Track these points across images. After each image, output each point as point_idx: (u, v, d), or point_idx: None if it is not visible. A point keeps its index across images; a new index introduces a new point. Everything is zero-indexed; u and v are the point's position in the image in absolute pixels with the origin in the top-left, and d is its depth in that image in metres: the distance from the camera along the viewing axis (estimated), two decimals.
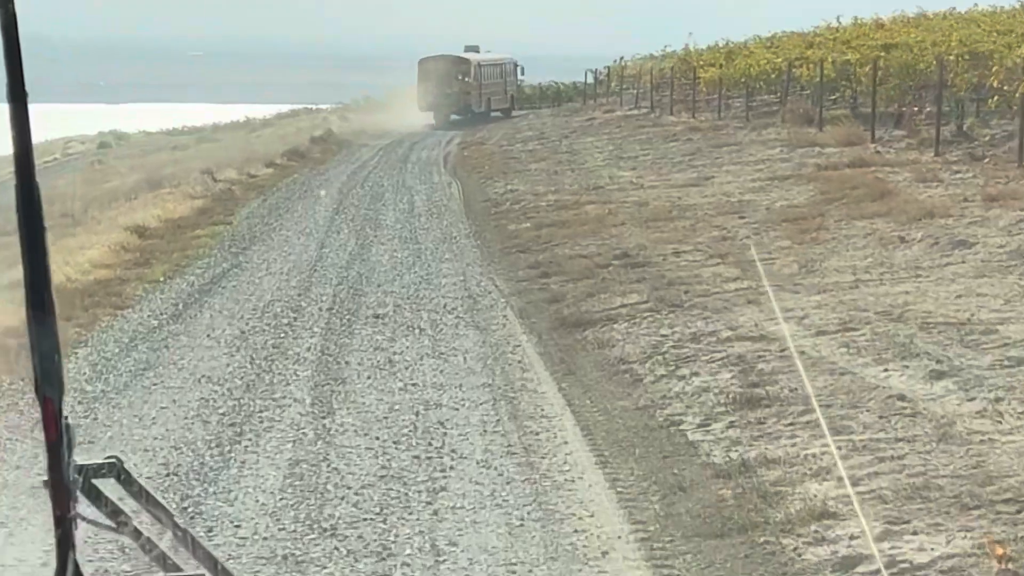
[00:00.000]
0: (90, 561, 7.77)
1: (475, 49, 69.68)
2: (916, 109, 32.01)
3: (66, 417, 1.88)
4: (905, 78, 31.84)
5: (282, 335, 17.16)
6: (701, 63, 49.94)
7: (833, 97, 38.44)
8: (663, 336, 15.69)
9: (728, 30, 69.26)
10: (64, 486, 1.94)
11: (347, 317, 18.40)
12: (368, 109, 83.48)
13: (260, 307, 19.18)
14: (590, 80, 68.36)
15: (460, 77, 65.83)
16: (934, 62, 31.11)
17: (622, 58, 61.25)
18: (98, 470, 2.15)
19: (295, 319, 18.26)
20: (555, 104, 71.82)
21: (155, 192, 37.22)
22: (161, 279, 21.84)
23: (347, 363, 15.45)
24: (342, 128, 65.04)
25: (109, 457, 2.20)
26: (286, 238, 27.00)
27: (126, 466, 2.22)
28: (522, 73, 67.96)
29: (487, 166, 41.51)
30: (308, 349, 16.24)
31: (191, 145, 67.77)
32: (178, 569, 2.21)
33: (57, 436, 1.91)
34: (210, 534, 9.14)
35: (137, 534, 2.21)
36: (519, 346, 16.20)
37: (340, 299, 19.88)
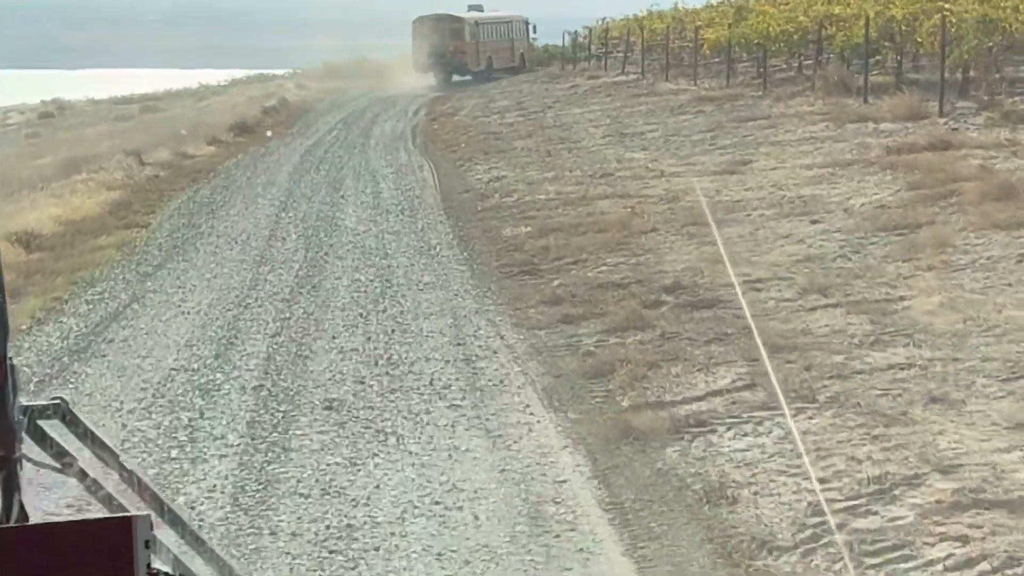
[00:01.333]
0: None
1: (479, 8, 65.09)
2: (998, 76, 25.33)
3: (10, 358, 1.84)
4: (984, 36, 25.07)
5: (173, 452, 10.35)
6: (701, 23, 43.16)
7: (872, 61, 31.70)
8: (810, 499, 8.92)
9: None
10: (9, 427, 1.93)
11: (282, 409, 11.58)
12: (328, 75, 76.46)
13: (151, 388, 12.32)
14: (567, 43, 61.57)
15: (455, 36, 61.66)
16: None
17: (604, 19, 54.56)
18: (43, 411, 2.07)
19: (199, 417, 11.40)
20: (529, 69, 64.90)
21: (70, 178, 30.20)
22: (25, 326, 14.95)
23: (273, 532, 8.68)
24: (299, 97, 57.93)
25: (54, 398, 2.11)
26: (214, 251, 20.11)
27: (71, 407, 2.10)
28: (534, 31, 61.72)
29: (463, 143, 34.66)
30: (209, 494, 9.42)
31: (134, 115, 60.56)
32: (124, 509, 2.09)
33: (2, 377, 1.89)
34: None
35: (83, 475, 2.12)
36: (576, 514, 9.00)
37: (275, 367, 13.06)
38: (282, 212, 23.90)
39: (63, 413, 2.11)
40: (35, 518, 1.97)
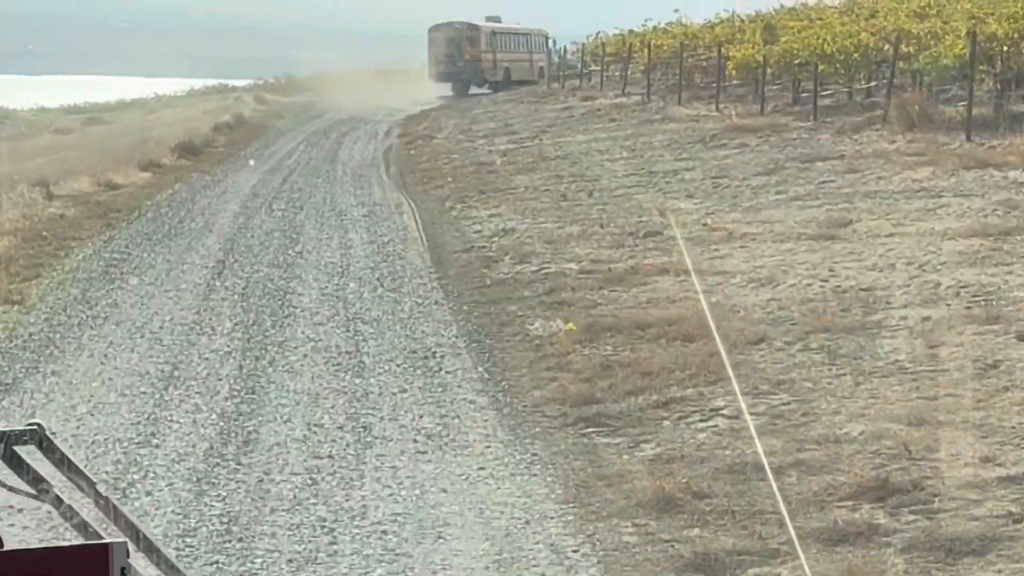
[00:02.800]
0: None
1: (496, 19, 61.64)
2: None
3: None
4: None
5: None
6: (718, 38, 36.31)
7: (949, 88, 24.97)
8: None
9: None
10: None
11: None
12: (290, 88, 69.42)
13: None
14: (554, 60, 54.75)
15: (471, 44, 58.08)
16: None
17: (598, 33, 47.77)
18: (19, 437, 2.02)
19: None
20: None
21: None
22: None
23: None
24: (257, 112, 50.83)
25: (31, 424, 2.06)
26: (104, 355, 12.98)
27: (48, 434, 2.03)
28: (553, 45, 56.01)
29: (449, 175, 27.72)
30: None
31: (75, 129, 53.34)
32: (99, 537, 2.04)
33: None
34: None
35: (58, 501, 2.07)
36: None
37: None
38: (216, 280, 16.86)
39: (39, 439, 2.00)
40: (10, 544, 1.77)
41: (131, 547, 1.94)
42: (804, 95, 31.03)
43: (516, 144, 32.70)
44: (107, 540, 1.93)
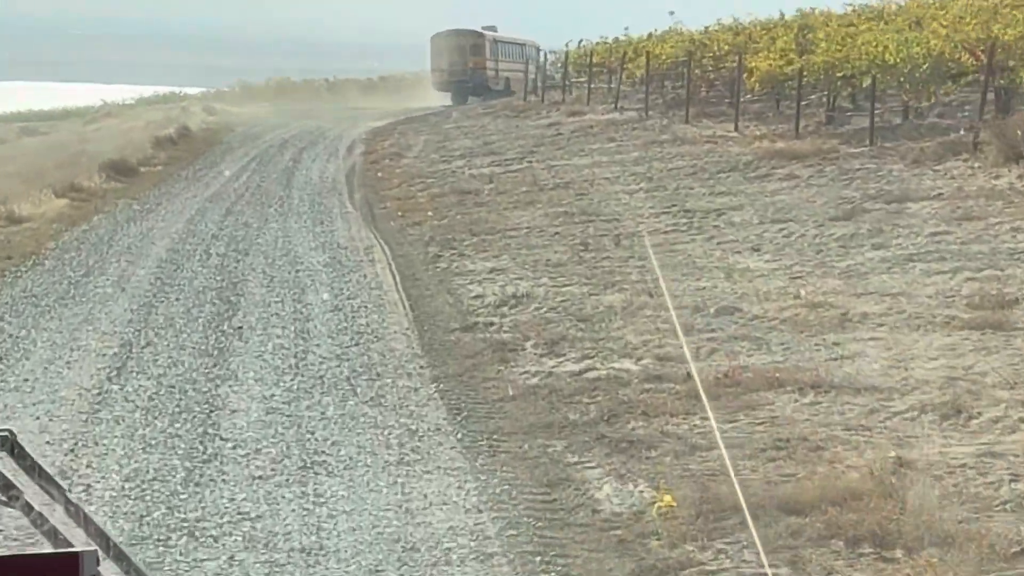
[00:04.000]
0: None
1: (492, 29, 57.50)
2: None
3: None
4: None
5: None
6: (726, 46, 30.96)
7: None
8: None
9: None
10: None
11: None
12: (244, 97, 63.80)
13: None
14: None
15: (475, 52, 54.10)
16: None
17: (581, 41, 42.36)
18: None
19: None
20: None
21: None
22: None
23: None
24: (206, 124, 45.14)
25: (2, 431, 2.01)
26: None
27: (19, 440, 2.01)
28: (544, 58, 51.29)
29: (428, 207, 22.29)
30: None
31: (8, 140, 47.52)
32: (69, 544, 1.99)
33: None
34: None
35: (28, 508, 2.03)
36: None
37: None
38: (111, 382, 11.31)
39: (11, 446, 1.97)
40: None
41: (101, 555, 1.83)
42: (847, 113, 25.76)
43: (501, 167, 27.26)
44: (77, 548, 1.84)
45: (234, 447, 9.44)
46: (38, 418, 10.15)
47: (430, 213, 21.54)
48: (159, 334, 13.11)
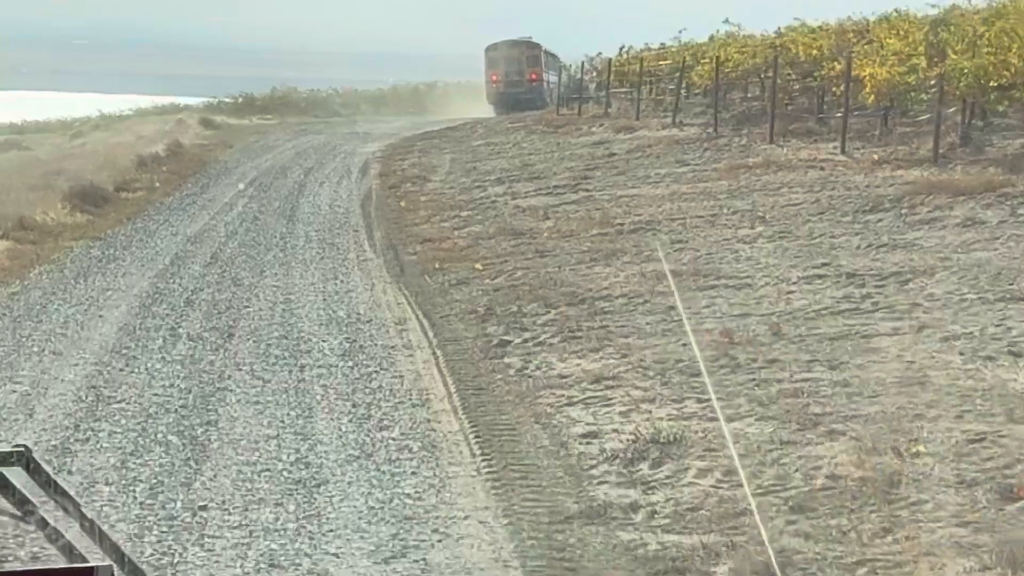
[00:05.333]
0: None
1: (528, 39, 52.85)
2: None
3: None
4: None
5: None
6: (814, 51, 25.14)
7: None
8: None
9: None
10: None
11: None
12: (246, 109, 58.09)
13: None
14: (563, 80, 43.71)
15: (532, 64, 50.01)
16: None
17: (623, 48, 36.46)
18: (6, 459, 1.94)
19: None
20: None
21: None
22: None
23: None
24: (202, 139, 39.34)
25: (18, 446, 1.98)
26: None
27: (34, 455, 1.93)
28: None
29: (473, 254, 16.51)
30: None
31: None
32: (84, 560, 1.94)
33: None
34: None
35: (44, 523, 1.99)
36: None
37: None
38: None
39: (26, 461, 1.94)
40: None
41: (116, 570, 1.79)
42: (982, 132, 20.00)
43: (554, 198, 21.51)
44: (92, 563, 1.80)
45: None
46: None
47: (478, 266, 15.76)
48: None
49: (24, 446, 2.02)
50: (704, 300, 12.54)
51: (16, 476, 2.02)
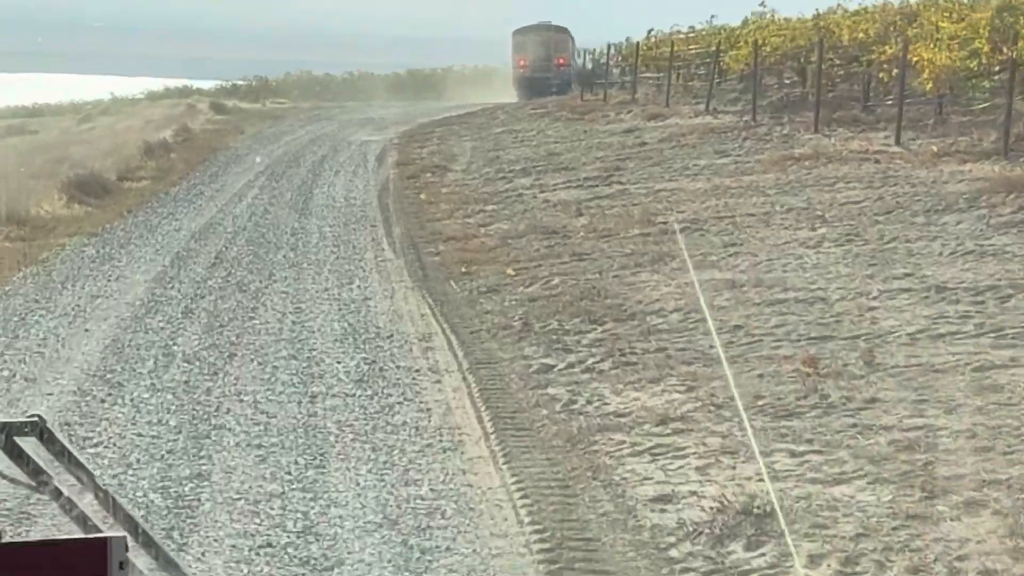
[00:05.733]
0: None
1: (548, 23, 50.38)
2: None
3: None
4: None
5: None
6: (861, 34, 23.32)
7: None
8: None
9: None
10: None
11: None
12: (260, 93, 56.44)
13: None
14: (585, 63, 41.91)
15: (559, 49, 47.48)
16: None
17: (651, 31, 34.77)
18: (20, 428, 1.91)
19: None
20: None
21: None
22: None
23: None
24: (212, 123, 37.65)
25: (32, 416, 1.96)
26: None
27: (48, 425, 1.91)
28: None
29: (503, 256, 14.81)
30: None
31: None
32: (98, 530, 1.92)
33: None
34: None
35: (57, 493, 1.97)
36: None
37: None
38: None
39: (40, 431, 1.91)
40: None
41: (129, 540, 1.75)
42: None
43: (586, 191, 19.79)
44: (106, 534, 1.76)
45: None
46: None
47: (510, 271, 14.05)
48: None
49: (38, 415, 1.94)
50: (774, 318, 10.81)
51: (30, 447, 1.91)
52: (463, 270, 14.46)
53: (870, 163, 18.39)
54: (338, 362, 10.72)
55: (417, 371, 10.43)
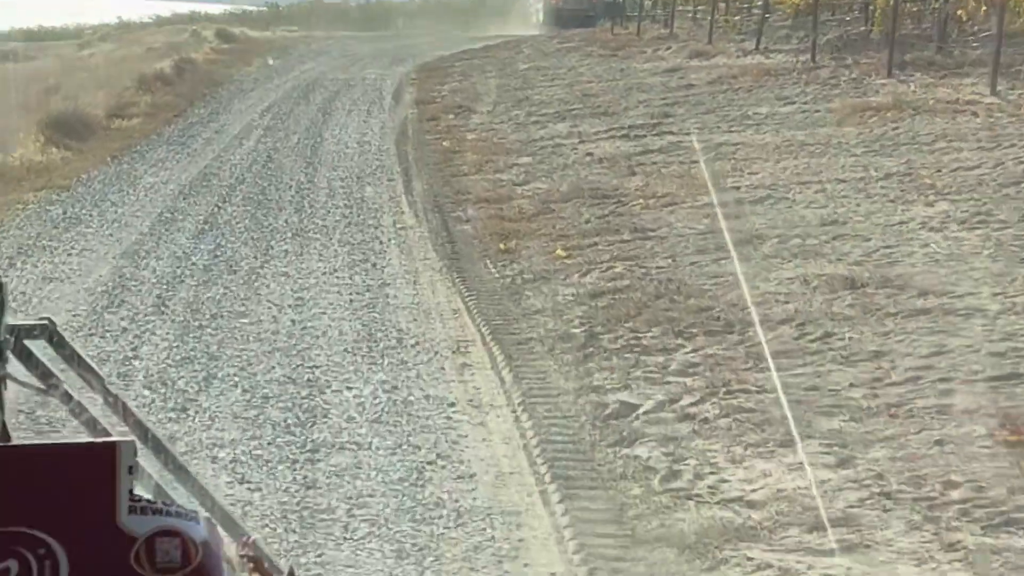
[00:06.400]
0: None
1: None
2: None
3: None
4: None
5: None
6: None
7: None
8: None
9: None
10: None
11: None
12: (271, 20, 53.42)
13: None
14: None
15: None
16: None
17: None
18: (30, 331, 1.80)
19: None
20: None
21: None
22: None
23: None
24: (217, 53, 34.67)
25: (42, 318, 1.82)
26: None
27: (59, 328, 1.79)
28: None
29: (545, 228, 12.03)
30: None
31: None
32: (107, 434, 1.80)
33: None
34: None
35: (67, 397, 1.84)
36: None
37: None
38: None
39: (50, 334, 1.81)
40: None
41: (139, 445, 1.63)
42: None
43: (631, 141, 16.93)
44: (115, 438, 1.62)
45: None
46: None
47: (560, 251, 11.23)
48: None
49: (48, 318, 1.81)
50: (924, 340, 8.02)
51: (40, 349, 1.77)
52: (500, 246, 11.66)
53: (966, 116, 15.52)
54: (348, 387, 7.97)
55: (452, 406, 7.68)
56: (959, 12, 19.96)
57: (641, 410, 7.36)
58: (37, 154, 17.18)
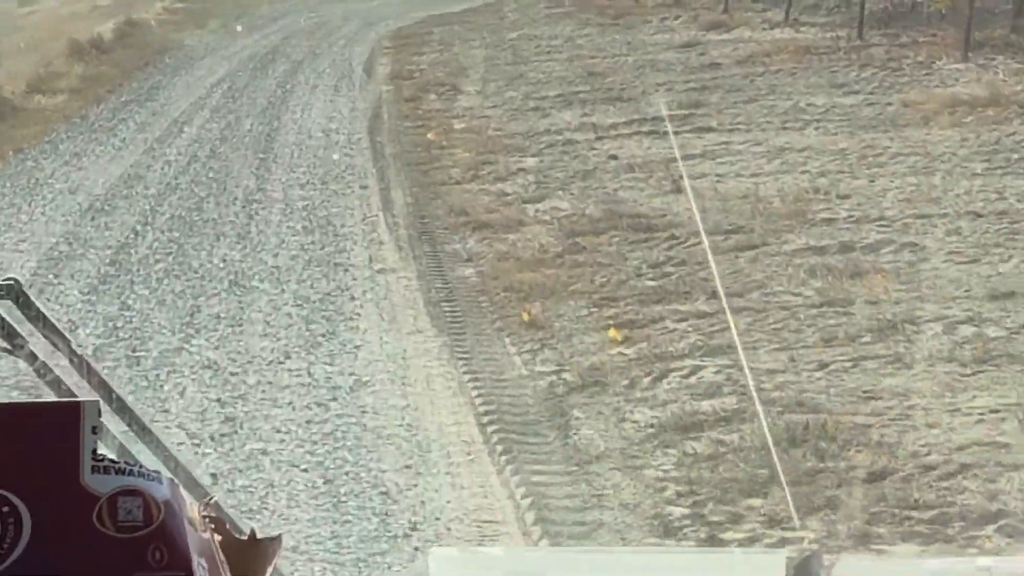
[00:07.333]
0: None
1: None
2: None
3: None
4: None
5: None
6: None
7: None
8: None
9: None
10: None
11: None
12: None
13: None
14: None
15: None
16: None
17: None
18: None
19: None
20: None
21: None
22: None
23: None
24: (169, 12, 30.60)
25: (7, 279, 1.79)
26: None
27: (24, 289, 1.76)
28: None
29: (572, 279, 8.36)
30: None
31: None
32: (72, 394, 1.78)
33: None
34: None
35: (32, 357, 1.80)
36: None
37: None
38: None
39: (16, 294, 1.79)
40: None
41: (103, 406, 1.54)
42: None
43: (660, 138, 13.18)
44: (79, 398, 1.63)
45: None
46: None
47: (613, 333, 7.52)
48: None
49: (14, 278, 1.77)
50: None
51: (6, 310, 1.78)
52: (523, 314, 7.98)
53: None
54: None
55: None
56: None
57: None
58: None
